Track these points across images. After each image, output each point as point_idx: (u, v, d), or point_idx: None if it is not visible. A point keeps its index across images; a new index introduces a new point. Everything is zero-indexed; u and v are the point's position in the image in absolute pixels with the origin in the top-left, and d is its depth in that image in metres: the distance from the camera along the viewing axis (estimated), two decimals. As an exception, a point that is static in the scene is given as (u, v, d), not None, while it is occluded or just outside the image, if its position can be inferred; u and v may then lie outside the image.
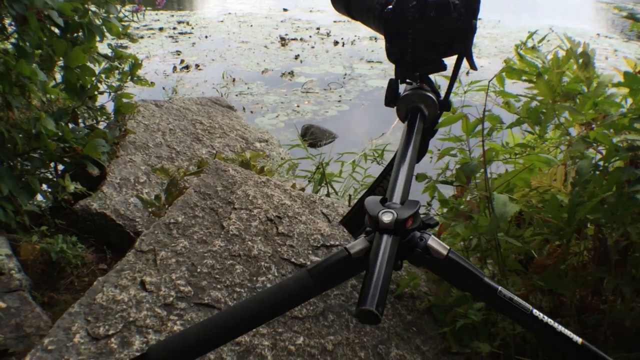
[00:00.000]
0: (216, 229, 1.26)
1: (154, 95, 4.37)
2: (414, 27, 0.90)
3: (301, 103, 4.54)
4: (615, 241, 1.15)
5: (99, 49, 1.97)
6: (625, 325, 1.15)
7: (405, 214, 0.68)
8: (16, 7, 1.48)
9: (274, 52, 6.41)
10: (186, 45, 6.30)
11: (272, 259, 1.21)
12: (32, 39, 1.57)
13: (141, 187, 1.92)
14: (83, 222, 1.70)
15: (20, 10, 1.49)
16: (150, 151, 2.15)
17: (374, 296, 0.61)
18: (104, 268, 1.66)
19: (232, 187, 1.41)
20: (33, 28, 1.52)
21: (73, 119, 1.93)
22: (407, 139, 0.88)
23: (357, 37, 7.72)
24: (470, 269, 0.71)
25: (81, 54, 1.75)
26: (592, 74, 1.34)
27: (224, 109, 2.84)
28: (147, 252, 1.15)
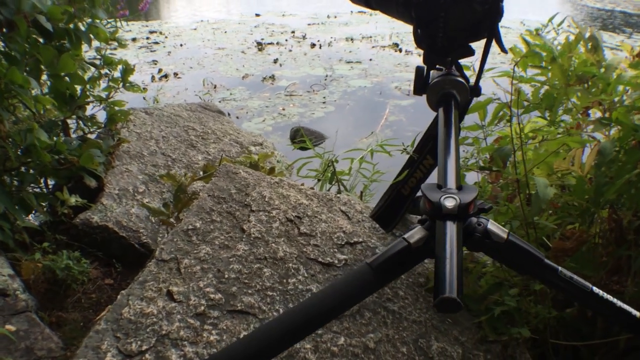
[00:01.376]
0: (237, 232, 1.21)
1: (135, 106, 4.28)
2: (445, 10, 0.87)
3: (286, 106, 4.50)
4: (629, 221, 1.14)
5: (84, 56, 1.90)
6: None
7: (467, 198, 0.65)
8: (3, 11, 1.41)
9: (251, 57, 6.35)
10: (162, 54, 6.19)
11: (299, 260, 1.16)
12: (19, 45, 1.49)
13: (141, 197, 1.85)
14: (84, 237, 1.62)
15: (8, 15, 1.41)
16: (146, 160, 2.07)
17: (451, 283, 0.57)
18: (111, 283, 1.59)
19: (245, 189, 1.36)
20: (22, 34, 1.44)
21: (64, 130, 1.85)
22: (447, 125, 0.85)
23: (334, 39, 7.72)
24: (531, 251, 0.69)
25: (70, 60, 1.68)
26: (602, 57, 1.34)
27: (214, 114, 2.78)
28: (169, 261, 1.09)
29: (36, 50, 1.60)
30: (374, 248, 1.26)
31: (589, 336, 1.15)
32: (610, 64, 1.31)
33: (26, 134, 1.49)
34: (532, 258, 0.69)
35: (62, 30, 1.71)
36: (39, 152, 1.52)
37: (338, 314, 0.65)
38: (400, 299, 1.13)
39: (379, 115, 4.40)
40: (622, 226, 1.16)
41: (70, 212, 1.56)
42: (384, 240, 1.31)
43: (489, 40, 0.96)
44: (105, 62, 1.87)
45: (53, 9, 1.49)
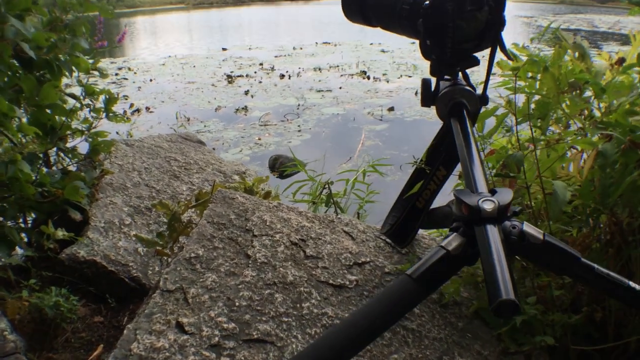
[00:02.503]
0: (242, 258, 1.16)
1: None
2: (454, 21, 0.88)
3: (262, 136, 4.48)
4: (627, 223, 1.15)
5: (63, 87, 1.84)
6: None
7: (505, 200, 0.64)
8: (-16, 36, 1.35)
9: (222, 89, 6.35)
10: (132, 89, 6.12)
11: (310, 283, 1.12)
12: (2, 73, 1.43)
13: (128, 230, 1.77)
14: (71, 272, 1.53)
15: None
16: (130, 192, 2.00)
17: (506, 285, 0.56)
18: (101, 320, 1.50)
19: (245, 214, 1.32)
20: (6, 61, 1.38)
21: (45, 162, 1.77)
22: (464, 133, 0.85)
23: (302, 69, 7.82)
24: (568, 250, 0.68)
25: (52, 91, 1.63)
26: (590, 64, 1.37)
27: (195, 144, 2.72)
28: (174, 292, 1.03)
29: (16, 80, 1.54)
30: (382, 267, 1.23)
31: (601, 340, 1.14)
32: (599, 71, 1.34)
33: (7, 165, 1.42)
34: (569, 257, 0.68)
35: (43, 60, 1.65)
36: (22, 185, 1.44)
37: (385, 329, 0.61)
38: (417, 316, 1.10)
39: (355, 140, 4.44)
40: (623, 228, 1.17)
41: (56, 247, 1.47)
42: (390, 259, 1.28)
43: (493, 49, 0.97)
44: (87, 92, 1.81)
45: (38, 35, 1.44)
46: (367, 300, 1.12)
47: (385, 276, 1.21)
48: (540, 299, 1.13)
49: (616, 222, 1.17)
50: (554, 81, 1.33)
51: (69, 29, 1.77)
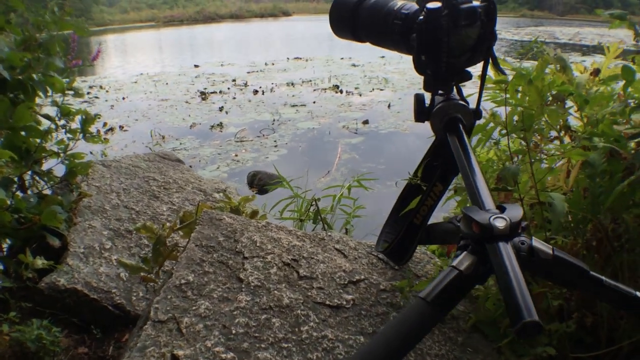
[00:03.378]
0: (234, 282, 1.13)
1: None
2: (448, 35, 0.88)
3: (238, 152, 4.44)
4: (612, 229, 1.17)
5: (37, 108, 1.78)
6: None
7: (516, 217, 0.64)
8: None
9: (196, 106, 6.28)
10: (104, 108, 6.00)
11: (307, 305, 1.09)
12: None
13: (109, 254, 1.71)
14: (52, 302, 1.46)
15: None
16: (109, 214, 1.94)
17: (527, 306, 0.55)
18: (85, 352, 1.43)
19: (234, 235, 1.28)
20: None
21: (21, 186, 1.70)
22: (463, 148, 0.84)
23: (275, 85, 7.81)
24: (577, 264, 0.67)
25: (27, 112, 1.57)
26: (571, 76, 1.40)
27: (173, 162, 2.67)
28: (167, 322, 0.99)
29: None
30: (377, 284, 1.21)
31: (593, 345, 1.15)
32: (580, 82, 1.37)
33: (-19, 194, 1.35)
34: (578, 271, 0.68)
35: (16, 80, 1.59)
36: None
37: (403, 355, 0.59)
38: (417, 335, 1.08)
39: (332, 154, 4.43)
40: (608, 234, 1.18)
41: (35, 276, 1.41)
42: (385, 276, 1.26)
43: (485, 63, 0.98)
44: (63, 113, 1.75)
45: (12, 55, 1.38)
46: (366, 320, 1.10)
47: (381, 293, 1.19)
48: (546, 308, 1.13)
49: (601, 228, 1.18)
50: (537, 93, 1.35)
51: (43, 48, 1.72)
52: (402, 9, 0.99)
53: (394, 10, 1.01)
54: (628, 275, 1.13)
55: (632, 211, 1.12)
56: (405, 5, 1.00)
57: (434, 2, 0.88)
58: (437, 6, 0.88)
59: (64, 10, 1.73)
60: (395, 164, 4.10)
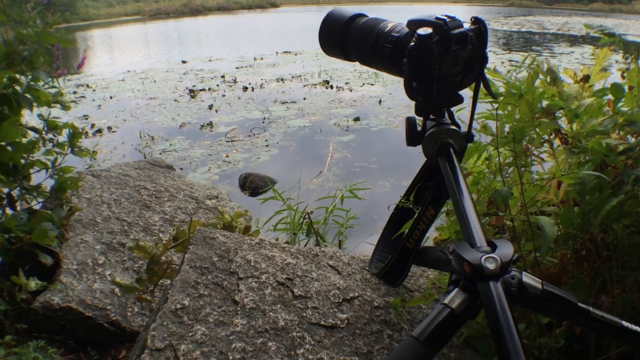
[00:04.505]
0: (229, 305, 1.13)
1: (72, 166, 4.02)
2: (440, 62, 0.88)
3: (229, 152, 4.42)
4: (601, 238, 1.19)
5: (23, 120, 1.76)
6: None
7: (506, 256, 0.65)
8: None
9: (185, 104, 6.24)
10: (92, 108, 5.94)
11: (302, 327, 1.10)
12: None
13: (102, 270, 1.70)
14: (47, 321, 1.46)
15: None
16: (100, 227, 1.93)
17: (516, 351, 0.57)
18: (81, 371, 1.43)
19: (227, 255, 1.29)
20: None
21: (10, 203, 1.69)
22: (455, 177, 0.85)
23: (264, 81, 7.78)
24: (565, 297, 0.69)
25: (13, 129, 1.56)
26: (561, 88, 1.41)
27: (164, 169, 2.66)
28: (164, 350, 0.99)
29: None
30: (371, 301, 1.22)
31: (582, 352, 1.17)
32: (570, 94, 1.38)
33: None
34: (567, 304, 0.69)
35: (1, 95, 1.57)
36: (-14, 235, 1.37)
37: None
38: None
39: (323, 153, 4.43)
40: (597, 245, 1.20)
41: (29, 296, 1.40)
42: (378, 292, 1.27)
43: (477, 86, 0.98)
44: (50, 127, 1.74)
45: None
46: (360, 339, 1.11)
47: (375, 310, 1.20)
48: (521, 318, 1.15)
49: (591, 238, 1.20)
50: (528, 107, 1.36)
51: (27, 62, 1.70)
52: (392, 32, 0.99)
53: (384, 32, 1.00)
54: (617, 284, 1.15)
55: (621, 221, 1.14)
56: (396, 28, 0.99)
57: (425, 28, 0.87)
58: (427, 33, 0.87)
59: (46, 22, 1.71)
60: (387, 162, 4.11)
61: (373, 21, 1.05)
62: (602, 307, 1.17)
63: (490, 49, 9.69)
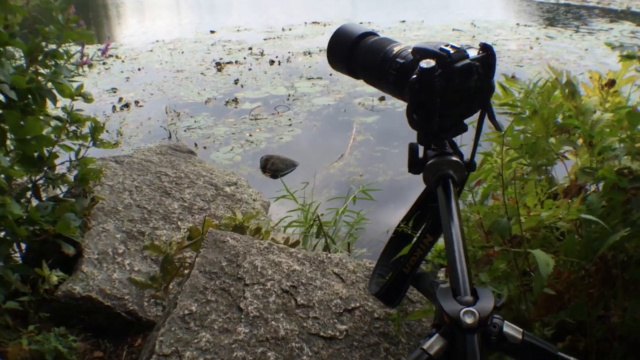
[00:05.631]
0: (234, 312, 1.19)
1: (97, 141, 4.14)
2: (441, 95, 0.88)
3: (253, 131, 4.46)
4: (612, 255, 1.19)
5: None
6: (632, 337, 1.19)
7: (486, 310, 0.66)
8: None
9: (212, 78, 6.27)
10: (120, 80, 6.04)
11: (301, 337, 1.15)
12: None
13: (122, 259, 1.79)
14: (68, 309, 1.56)
15: None
16: (122, 215, 2.01)
17: None
18: (100, 356, 1.53)
19: (236, 259, 1.34)
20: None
21: (35, 193, 1.77)
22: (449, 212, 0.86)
23: (291, 54, 7.72)
24: (545, 347, 0.71)
25: (37, 123, 1.62)
26: (579, 102, 1.38)
27: (185, 154, 2.73)
28: (170, 355, 1.06)
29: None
30: (371, 312, 1.26)
31: None
32: (588, 109, 1.35)
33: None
34: (547, 354, 0.71)
35: (25, 90, 1.63)
36: (13, 227, 1.45)
37: None
38: (406, 369, 1.13)
39: (346, 135, 4.43)
40: (608, 263, 1.20)
41: (51, 287, 1.49)
42: (380, 302, 1.31)
43: (482, 116, 0.98)
44: (72, 120, 1.80)
45: (17, 78, 1.42)
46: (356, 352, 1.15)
47: (375, 322, 1.24)
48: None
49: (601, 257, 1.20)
50: (543, 122, 1.35)
51: (50, 57, 1.75)
52: (398, 57, 0.99)
53: (390, 57, 1.00)
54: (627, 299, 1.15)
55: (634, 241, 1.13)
56: (402, 53, 0.99)
57: (427, 60, 0.86)
58: (430, 66, 0.86)
59: (68, 19, 1.75)
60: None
61: (381, 42, 1.04)
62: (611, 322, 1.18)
63: (525, 22, 9.35)
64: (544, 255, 0.93)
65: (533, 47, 6.73)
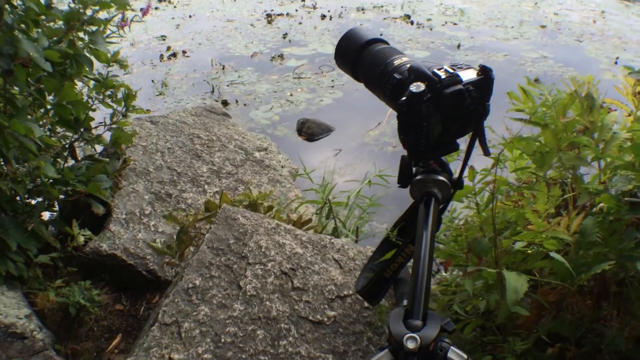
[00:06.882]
0: (234, 289, 1.29)
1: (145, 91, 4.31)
2: (428, 120, 0.90)
3: (294, 91, 4.50)
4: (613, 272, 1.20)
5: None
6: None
7: (429, 337, 0.72)
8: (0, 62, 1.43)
9: (260, 31, 6.27)
10: (170, 27, 6.13)
11: (291, 319, 1.25)
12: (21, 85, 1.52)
13: (147, 220, 1.93)
14: (93, 265, 1.72)
15: (5, 65, 1.43)
16: (152, 176, 2.15)
17: None
18: (121, 309, 1.70)
19: (243, 237, 1.43)
20: (21, 80, 1.48)
21: (71, 153, 1.92)
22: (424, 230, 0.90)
23: (344, 9, 7.55)
24: None
25: (72, 90, 1.73)
26: (597, 117, 1.35)
27: (219, 117, 2.82)
28: (170, 325, 1.18)
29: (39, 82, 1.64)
30: (362, 301, 1.34)
31: None
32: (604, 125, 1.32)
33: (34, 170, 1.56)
34: None
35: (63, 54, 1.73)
36: (47, 189, 1.59)
37: None
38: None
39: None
40: (606, 279, 1.22)
41: (79, 244, 1.65)
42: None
43: (473, 138, 0.99)
44: (107, 86, 1.90)
45: (50, 53, 1.51)
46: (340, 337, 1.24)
47: (364, 311, 1.32)
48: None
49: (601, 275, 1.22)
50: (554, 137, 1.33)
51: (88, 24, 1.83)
52: (396, 72, 1.01)
53: (389, 70, 1.02)
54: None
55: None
56: (401, 67, 1.01)
57: (418, 84, 0.88)
58: (419, 90, 0.87)
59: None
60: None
61: (384, 53, 1.06)
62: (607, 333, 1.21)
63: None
64: (515, 280, 0.96)
65: (596, 21, 6.29)
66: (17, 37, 1.40)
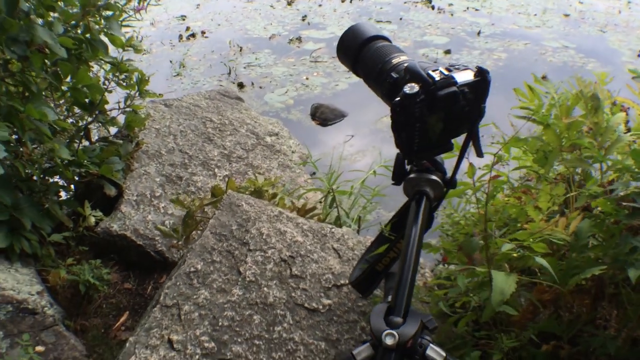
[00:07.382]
0: (234, 274, 1.34)
1: (162, 72, 4.36)
2: (421, 121, 0.92)
3: (310, 75, 4.50)
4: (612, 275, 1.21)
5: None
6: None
7: (407, 334, 0.75)
8: (16, 48, 1.47)
9: (280, 12, 6.25)
10: (190, 6, 6.15)
11: (287, 305, 1.29)
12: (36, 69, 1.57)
13: (157, 202, 1.99)
14: (104, 245, 1.79)
15: (21, 52, 1.48)
16: (164, 159, 2.20)
17: None
18: (129, 287, 1.76)
19: (246, 224, 1.48)
20: (36, 65, 1.52)
21: (86, 135, 1.97)
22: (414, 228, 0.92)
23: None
24: None
25: (87, 74, 1.77)
26: (601, 119, 1.34)
27: (232, 101, 2.85)
28: (171, 307, 1.24)
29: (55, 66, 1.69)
30: (358, 291, 1.37)
31: None
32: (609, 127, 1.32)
33: (49, 152, 1.62)
34: None
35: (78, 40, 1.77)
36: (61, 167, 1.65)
37: None
38: None
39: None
40: (603, 281, 1.23)
41: (91, 225, 1.71)
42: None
43: (467, 139, 1.01)
44: (121, 71, 1.94)
45: (64, 40, 1.55)
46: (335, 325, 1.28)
47: (359, 300, 1.36)
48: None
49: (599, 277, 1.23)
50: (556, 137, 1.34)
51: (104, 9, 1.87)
52: (394, 70, 1.02)
53: (387, 68, 1.03)
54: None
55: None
56: (399, 67, 1.02)
57: (412, 85, 0.89)
58: (413, 92, 0.89)
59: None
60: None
61: (384, 51, 1.07)
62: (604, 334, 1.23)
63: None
64: (502, 281, 0.98)
65: (622, 12, 6.11)
66: (33, 25, 1.45)
